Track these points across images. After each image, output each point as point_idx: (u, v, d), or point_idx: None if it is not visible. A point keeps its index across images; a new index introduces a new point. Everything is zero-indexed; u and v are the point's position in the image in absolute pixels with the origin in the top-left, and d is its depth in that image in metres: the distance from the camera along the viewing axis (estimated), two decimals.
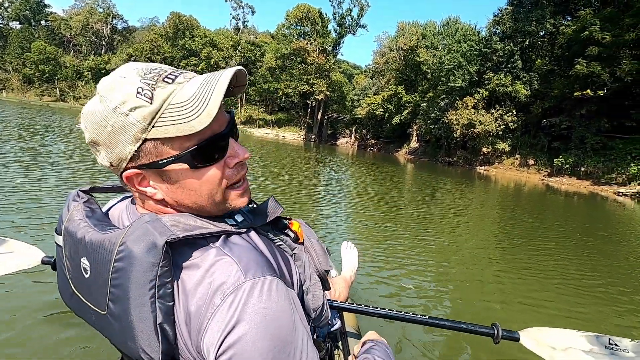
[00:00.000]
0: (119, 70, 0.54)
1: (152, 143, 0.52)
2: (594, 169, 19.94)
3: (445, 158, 29.12)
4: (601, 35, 17.57)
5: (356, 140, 45.95)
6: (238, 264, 0.51)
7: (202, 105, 0.50)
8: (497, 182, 19.18)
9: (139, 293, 0.49)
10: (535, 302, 3.53)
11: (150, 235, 0.50)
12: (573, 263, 5.01)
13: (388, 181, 14.09)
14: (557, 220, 9.07)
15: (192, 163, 0.54)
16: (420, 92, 34.18)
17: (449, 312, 3.19)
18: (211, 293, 0.49)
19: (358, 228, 5.79)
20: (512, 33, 23.71)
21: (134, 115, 0.50)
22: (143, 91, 0.50)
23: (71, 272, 0.61)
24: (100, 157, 0.56)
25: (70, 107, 50.22)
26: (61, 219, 0.63)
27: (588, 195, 16.57)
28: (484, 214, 8.97)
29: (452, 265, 4.41)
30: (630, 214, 12.11)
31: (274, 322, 0.49)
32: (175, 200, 0.58)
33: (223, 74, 0.52)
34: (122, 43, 62.27)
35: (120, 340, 0.53)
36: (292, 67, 44.21)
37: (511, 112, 23.97)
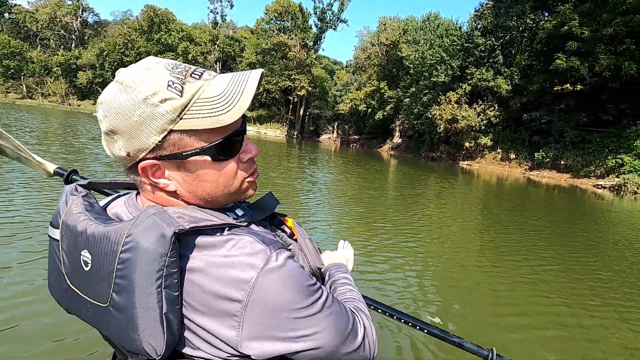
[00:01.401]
0: (142, 63, 0.56)
1: (178, 135, 0.54)
2: (574, 162, 20.36)
3: (429, 153, 29.22)
4: (580, 31, 17.82)
5: (339, 136, 45.72)
6: (257, 241, 0.55)
7: (233, 101, 0.54)
8: (479, 176, 19.39)
9: (146, 283, 0.50)
10: (512, 297, 3.60)
11: (158, 226, 0.51)
12: (554, 258, 5.05)
13: (373, 177, 14.12)
14: (537, 214, 9.29)
15: (216, 156, 0.57)
16: (403, 87, 34.16)
17: (430, 307, 3.23)
18: (244, 269, 0.52)
19: (343, 225, 5.72)
20: (494, 28, 23.86)
21: (164, 107, 0.51)
22: (174, 84, 0.52)
23: (67, 266, 0.60)
24: (115, 147, 0.56)
25: (39, 104, 47.73)
26: (58, 212, 0.63)
27: (568, 188, 16.93)
28: (467, 208, 9.08)
29: (436, 260, 4.47)
30: (608, 206, 12.41)
31: (303, 277, 0.56)
32: (190, 191, 0.59)
33: (251, 74, 0.57)
34: (93, 37, 59.56)
35: (121, 332, 0.54)
36: (272, 63, 43.43)
37: (493, 107, 24.17)
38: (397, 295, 3.31)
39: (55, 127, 17.32)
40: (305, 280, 0.57)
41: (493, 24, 23.73)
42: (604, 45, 18.29)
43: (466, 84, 24.71)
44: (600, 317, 3.37)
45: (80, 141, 12.56)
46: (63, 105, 51.62)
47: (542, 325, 3.07)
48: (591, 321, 3.26)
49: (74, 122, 22.32)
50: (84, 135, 14.96)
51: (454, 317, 3.16)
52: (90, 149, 10.60)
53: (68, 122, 22.37)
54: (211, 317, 0.53)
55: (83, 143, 12.08)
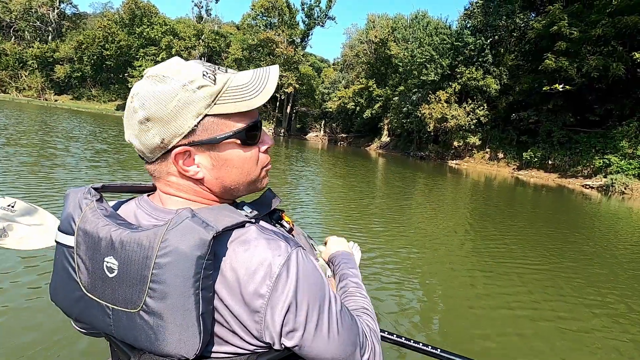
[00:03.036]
0: (172, 60, 0.61)
1: (212, 119, 0.58)
2: (561, 162, 20.50)
3: (417, 152, 29.10)
4: (569, 31, 17.86)
5: (326, 134, 45.32)
6: (280, 239, 0.58)
7: (261, 86, 0.59)
8: (468, 176, 19.36)
9: (185, 286, 0.51)
10: (498, 298, 3.58)
11: (195, 230, 0.52)
12: (540, 257, 5.11)
13: (362, 176, 13.97)
14: (525, 214, 9.37)
15: (245, 140, 0.62)
16: (391, 85, 33.96)
17: (419, 308, 3.24)
18: (267, 265, 0.55)
19: (330, 225, 5.71)
20: (483, 27, 23.83)
21: (201, 93, 0.56)
22: (207, 74, 0.57)
23: (85, 274, 0.59)
24: (149, 135, 0.58)
25: (12, 98, 45.47)
26: (71, 217, 0.61)
27: (556, 188, 17.01)
28: (456, 208, 9.11)
29: (423, 260, 4.50)
30: (595, 206, 12.45)
31: (318, 278, 0.60)
32: (217, 177, 0.62)
33: (272, 67, 0.62)
34: (71, 30, 57.21)
35: (151, 337, 0.54)
36: (259, 59, 42.53)
37: (482, 106, 24.16)
38: (382, 297, 3.30)
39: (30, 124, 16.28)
40: (321, 279, 0.60)
41: (483, 22, 23.69)
42: (592, 46, 18.41)
43: (456, 83, 24.62)
44: (584, 317, 3.40)
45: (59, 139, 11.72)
46: (39, 100, 49.40)
47: (523, 326, 3.08)
48: (574, 324, 3.25)
49: (52, 119, 21.14)
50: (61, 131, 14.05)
51: (438, 316, 3.19)
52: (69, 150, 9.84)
53: (44, 119, 21.19)
54: (239, 312, 0.55)
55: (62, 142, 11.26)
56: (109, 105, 49.84)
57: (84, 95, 52.26)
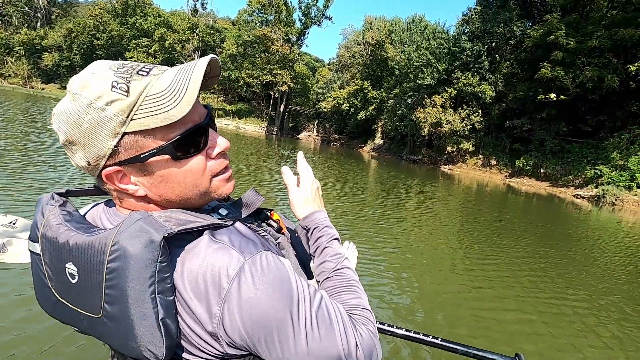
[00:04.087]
0: (89, 68, 0.54)
1: (132, 137, 0.52)
2: (553, 171, 20.61)
3: (410, 156, 29.06)
4: (566, 41, 17.93)
5: (319, 134, 45.05)
6: (233, 247, 0.54)
7: (180, 94, 0.50)
8: (460, 181, 19.34)
9: (139, 291, 0.48)
10: (486, 306, 3.62)
11: (145, 232, 0.49)
12: (529, 267, 5.14)
13: (355, 178, 13.87)
14: (516, 222, 9.44)
15: (175, 154, 0.54)
16: (386, 88, 33.88)
17: (405, 310, 3.27)
18: (216, 279, 0.51)
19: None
20: (481, 33, 23.84)
21: (111, 109, 0.49)
22: (118, 84, 0.50)
23: (53, 280, 0.58)
24: (76, 158, 0.55)
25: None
26: (36, 225, 0.60)
27: (547, 197, 17.08)
28: (447, 214, 9.10)
29: (414, 265, 4.52)
30: (585, 217, 12.48)
31: (281, 285, 0.53)
32: (159, 195, 0.57)
33: (198, 63, 0.53)
34: (61, 17, 55.72)
35: (119, 341, 0.53)
36: (254, 56, 42.02)
37: (477, 112, 24.18)
38: (375, 299, 3.33)
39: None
40: (285, 286, 0.53)
41: (480, 29, 23.72)
42: (587, 57, 18.52)
43: (452, 88, 24.60)
44: (567, 323, 3.49)
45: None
46: (25, 87, 47.97)
47: (510, 332, 3.16)
48: (560, 330, 3.35)
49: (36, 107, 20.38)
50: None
51: (430, 319, 3.25)
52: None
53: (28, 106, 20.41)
54: (195, 324, 0.53)
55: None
56: None
57: None
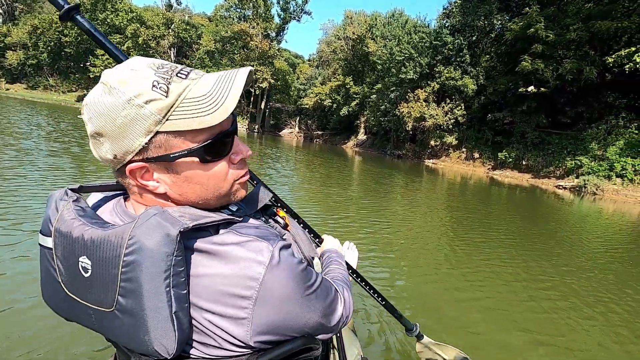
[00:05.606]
0: (128, 64, 0.54)
1: (164, 136, 0.53)
2: (534, 163, 20.92)
3: (394, 151, 29.02)
4: (545, 34, 18.11)
5: (301, 131, 44.56)
6: (258, 238, 0.56)
7: (220, 101, 0.52)
8: (444, 175, 19.37)
9: (154, 284, 0.50)
10: (470, 296, 3.61)
11: (161, 226, 0.50)
12: (511, 257, 5.14)
13: (340, 174, 13.59)
14: (499, 214, 9.43)
15: (204, 157, 0.56)
16: (368, 83, 33.71)
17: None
18: (248, 269, 0.53)
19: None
20: (462, 27, 23.89)
21: (149, 108, 0.50)
22: (159, 85, 0.51)
23: (64, 274, 0.59)
24: (102, 150, 0.55)
25: None
26: (49, 219, 0.60)
27: (529, 188, 17.29)
28: (432, 208, 9.06)
29: (402, 259, 4.49)
30: (566, 207, 12.66)
31: (299, 267, 0.59)
32: (180, 194, 0.59)
33: (239, 72, 0.55)
34: (25, 13, 52.79)
35: (129, 335, 0.54)
36: (232, 52, 41.04)
37: (460, 106, 24.28)
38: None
39: None
40: (303, 269, 0.60)
41: (461, 22, 23.76)
42: (566, 50, 18.79)
43: (435, 82, 24.60)
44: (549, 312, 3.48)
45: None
46: None
47: (491, 322, 3.17)
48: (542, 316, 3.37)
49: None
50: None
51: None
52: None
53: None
54: (220, 315, 0.54)
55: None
56: (68, 95, 46.37)
57: (40, 84, 48.42)
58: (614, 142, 18.02)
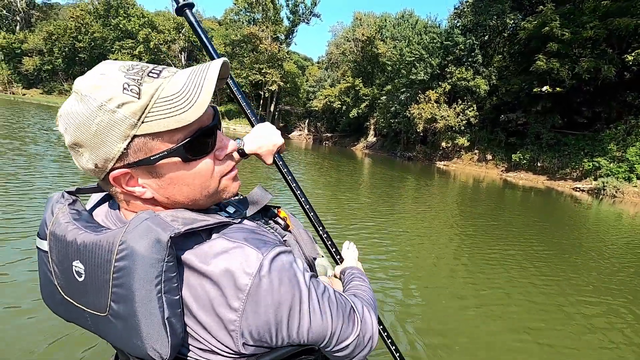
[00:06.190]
0: (97, 69, 0.53)
1: (142, 139, 0.51)
2: (550, 164, 20.38)
3: (405, 153, 28.64)
4: (560, 32, 17.64)
5: (310, 133, 44.48)
6: (249, 245, 0.54)
7: (194, 97, 0.50)
8: (456, 177, 19.01)
9: (146, 290, 0.49)
10: (484, 305, 3.48)
11: (152, 231, 0.49)
12: (526, 261, 5.01)
13: (350, 177, 13.44)
14: (514, 217, 9.07)
15: (185, 156, 0.54)
16: (378, 85, 33.43)
17: (408, 310, 3.15)
18: (236, 277, 0.52)
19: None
20: (473, 27, 23.48)
21: (122, 112, 0.49)
22: (129, 87, 0.49)
23: (60, 277, 0.59)
24: (83, 160, 0.54)
25: None
26: (45, 222, 0.61)
27: (545, 190, 16.84)
28: (444, 211, 8.83)
29: (410, 264, 4.40)
30: (584, 210, 12.19)
31: (295, 276, 0.56)
32: (167, 197, 0.58)
33: (212, 65, 0.53)
34: (41, 20, 54.03)
35: (124, 340, 0.53)
36: (242, 55, 41.26)
37: (472, 107, 23.84)
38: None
39: None
40: (299, 276, 0.57)
41: (473, 22, 23.36)
42: (583, 48, 18.28)
43: (446, 83, 24.21)
44: (566, 321, 3.34)
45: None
46: (5, 93, 46.36)
47: (507, 329, 3.05)
48: (561, 327, 3.22)
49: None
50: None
51: (419, 305, 3.21)
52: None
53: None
54: (211, 324, 0.53)
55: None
56: None
57: (55, 89, 49.44)
58: (634, 142, 17.42)
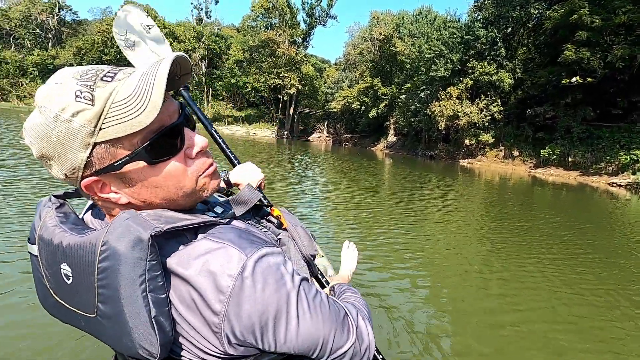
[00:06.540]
0: (53, 78, 0.52)
1: (103, 146, 0.50)
2: (582, 159, 19.34)
3: (426, 152, 28.04)
4: (590, 19, 16.73)
5: (329, 135, 44.39)
6: (233, 245, 0.53)
7: (145, 99, 0.48)
8: (481, 175, 18.37)
9: (130, 290, 0.49)
10: (515, 312, 3.26)
11: (133, 230, 0.49)
12: (563, 265, 4.69)
13: (371, 178, 13.17)
14: (545, 216, 8.55)
15: (149, 159, 0.53)
16: (397, 84, 32.95)
17: (427, 314, 3.04)
18: (218, 278, 0.51)
19: (339, 232, 5.44)
20: (495, 19, 22.70)
21: (78, 121, 0.48)
22: (82, 94, 0.48)
23: (51, 281, 0.59)
24: (53, 171, 0.54)
25: (14, 107, 44.95)
26: (34, 227, 0.61)
27: (577, 187, 15.99)
28: (470, 210, 8.41)
29: (436, 267, 4.28)
30: (624, 207, 11.36)
31: (282, 278, 0.54)
32: (142, 201, 0.57)
33: (162, 63, 0.50)
34: (71, 36, 56.81)
35: (114, 339, 0.53)
36: (260, 60, 41.76)
37: (496, 102, 23.02)
38: (397, 302, 3.17)
39: None
40: (287, 279, 0.55)
41: (494, 14, 22.57)
42: (614, 36, 17.25)
43: (467, 79, 23.50)
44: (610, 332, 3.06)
45: None
46: None
47: (544, 336, 2.88)
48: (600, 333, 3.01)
49: None
50: None
51: (451, 323, 2.99)
52: None
53: None
54: (197, 324, 0.53)
55: None
56: None
57: None
58: None
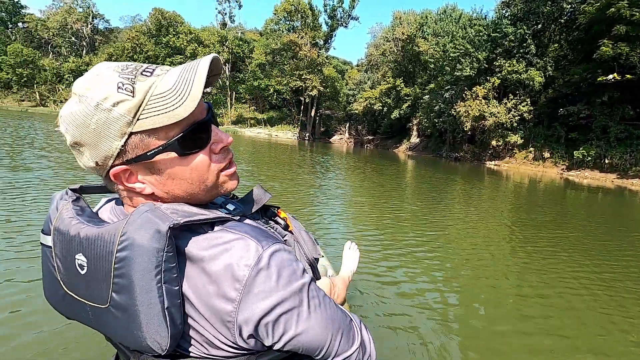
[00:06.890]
0: (93, 70, 0.55)
1: (138, 136, 0.53)
2: (620, 161, 18.24)
3: (451, 153, 27.28)
4: (630, 12, 15.73)
5: (351, 136, 44.12)
6: (250, 237, 0.55)
7: (185, 92, 0.52)
8: (509, 177, 17.62)
9: (146, 280, 0.50)
10: (546, 324, 3.00)
11: (152, 222, 0.51)
12: (600, 274, 4.35)
13: (392, 181, 12.83)
14: (587, 224, 7.84)
15: (180, 150, 0.56)
16: (420, 84, 32.32)
17: (450, 325, 2.86)
18: (235, 268, 0.52)
19: (363, 234, 5.36)
20: (524, 15, 21.80)
21: (118, 110, 0.51)
22: (124, 85, 0.52)
23: (62, 272, 0.61)
24: (84, 159, 0.56)
25: (51, 112, 47.46)
26: (49, 218, 0.63)
27: (615, 190, 15.03)
28: (498, 215, 7.97)
29: (460, 275, 4.07)
30: None
31: (295, 273, 0.56)
32: (166, 192, 0.59)
33: (201, 61, 0.54)
34: (103, 44, 59.41)
35: (124, 331, 0.54)
36: (282, 63, 42.09)
37: (526, 101, 22.07)
38: (417, 309, 3.05)
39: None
40: (298, 275, 0.56)
41: (523, 10, 21.68)
42: None
43: (495, 78, 22.67)
44: None
45: None
46: None
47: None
48: None
49: None
50: None
51: (486, 348, 2.67)
52: None
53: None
54: (209, 314, 0.54)
55: None
56: None
57: None
58: None
